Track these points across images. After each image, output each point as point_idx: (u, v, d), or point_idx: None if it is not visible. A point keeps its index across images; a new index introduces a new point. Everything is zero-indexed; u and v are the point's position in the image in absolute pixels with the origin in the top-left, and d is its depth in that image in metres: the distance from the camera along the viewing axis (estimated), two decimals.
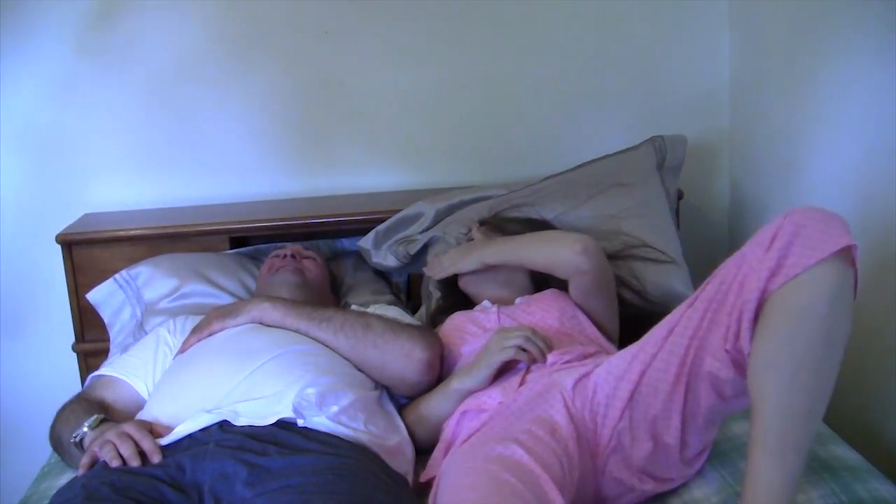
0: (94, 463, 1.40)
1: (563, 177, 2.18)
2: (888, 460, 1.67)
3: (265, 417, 1.42)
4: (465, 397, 1.58)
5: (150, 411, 1.54)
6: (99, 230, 2.21)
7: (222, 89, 2.37)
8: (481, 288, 1.88)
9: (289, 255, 1.96)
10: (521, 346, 1.55)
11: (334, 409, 1.47)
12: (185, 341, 1.70)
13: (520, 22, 2.39)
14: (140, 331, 2.01)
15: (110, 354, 2.03)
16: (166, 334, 1.79)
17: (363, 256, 2.22)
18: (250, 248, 2.27)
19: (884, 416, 1.81)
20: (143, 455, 1.37)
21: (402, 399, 1.71)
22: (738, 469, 1.45)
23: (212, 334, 1.70)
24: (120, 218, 2.31)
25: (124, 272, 2.09)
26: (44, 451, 1.74)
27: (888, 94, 1.70)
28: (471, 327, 1.76)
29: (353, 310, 1.83)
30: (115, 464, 1.35)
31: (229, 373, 1.53)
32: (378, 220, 2.18)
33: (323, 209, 2.26)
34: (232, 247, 2.24)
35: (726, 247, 2.49)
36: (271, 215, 2.25)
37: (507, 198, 2.14)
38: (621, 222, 2.06)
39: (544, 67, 2.42)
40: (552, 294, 1.79)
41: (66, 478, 1.56)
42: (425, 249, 2.13)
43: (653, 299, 1.95)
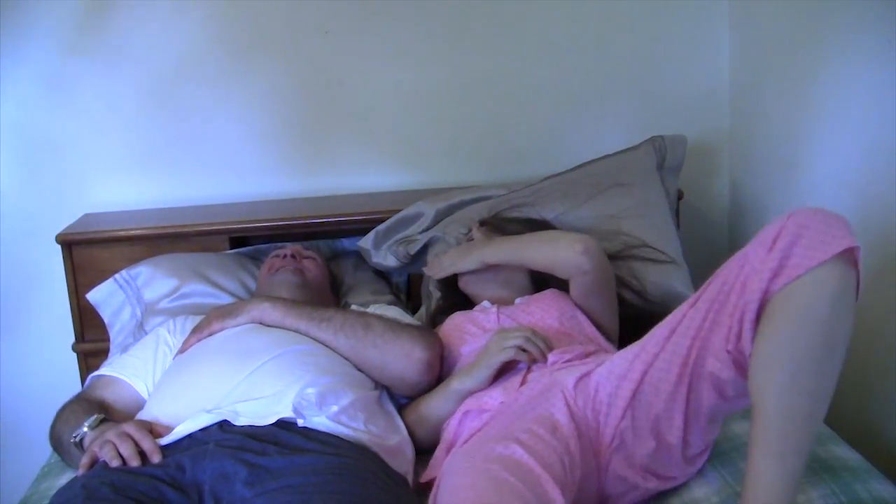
0: (94, 463, 1.40)
1: (563, 177, 2.18)
2: (888, 460, 1.67)
3: (265, 417, 1.42)
4: (466, 397, 1.58)
5: (150, 411, 1.54)
6: (99, 230, 2.21)
7: (222, 89, 2.37)
8: (481, 288, 1.88)
9: (289, 255, 1.96)
10: (521, 347, 1.55)
11: (334, 408, 1.47)
12: (185, 341, 1.70)
13: (520, 22, 2.39)
14: (140, 331, 2.01)
15: (110, 354, 2.03)
16: (166, 334, 1.79)
17: (363, 256, 2.22)
18: (250, 248, 2.27)
19: (884, 416, 1.81)
20: (143, 455, 1.37)
21: (402, 399, 1.71)
22: (738, 469, 1.45)
23: (212, 334, 1.70)
24: (120, 218, 2.31)
25: (124, 272, 2.09)
26: (44, 451, 1.74)
27: (888, 94, 1.69)
28: (470, 327, 1.76)
29: (353, 310, 1.83)
30: (115, 464, 1.35)
31: (229, 373, 1.53)
32: (378, 220, 2.18)
33: (323, 209, 2.26)
34: (232, 247, 2.24)
35: (726, 247, 2.49)
36: (271, 215, 2.25)
37: (507, 198, 2.14)
38: (621, 222, 2.06)
39: (544, 67, 2.42)
40: (551, 294, 1.79)
41: (66, 478, 1.56)
42: (425, 249, 2.12)
43: (653, 299, 1.95)
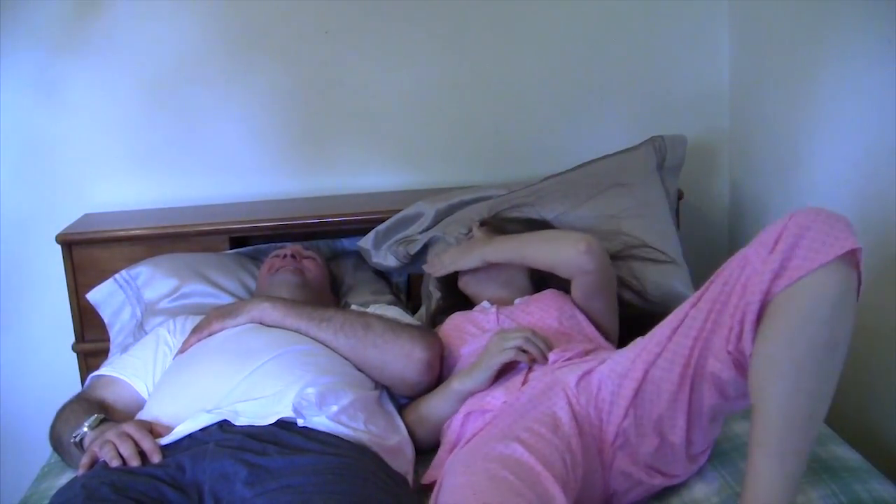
0: (94, 463, 1.40)
1: (563, 177, 2.18)
2: (888, 460, 1.67)
3: (265, 417, 1.42)
4: (466, 398, 1.58)
5: (150, 411, 1.54)
6: (99, 230, 2.21)
7: (222, 89, 2.37)
8: (481, 288, 1.88)
9: (289, 255, 1.96)
10: (521, 348, 1.55)
11: (334, 408, 1.47)
12: (185, 341, 1.70)
13: (520, 22, 2.39)
14: (140, 331, 2.01)
15: (110, 354, 2.03)
16: (166, 334, 1.79)
17: (363, 256, 2.22)
18: (250, 248, 2.27)
19: (884, 416, 1.80)
20: (143, 455, 1.37)
21: (402, 399, 1.71)
22: (738, 469, 1.45)
23: (212, 334, 1.70)
24: (120, 218, 2.31)
25: (124, 272, 2.09)
26: (44, 451, 1.74)
27: (888, 94, 1.69)
28: (470, 328, 1.76)
29: (353, 310, 1.83)
30: (115, 464, 1.35)
31: (229, 373, 1.53)
32: (378, 220, 2.18)
33: (323, 209, 2.26)
34: (232, 247, 2.24)
35: (726, 247, 2.49)
36: (271, 215, 2.25)
37: (507, 198, 2.14)
38: (621, 222, 2.06)
39: (544, 67, 2.42)
40: (551, 294, 1.79)
41: (66, 478, 1.56)
42: (425, 249, 2.12)
43: (653, 299, 1.95)
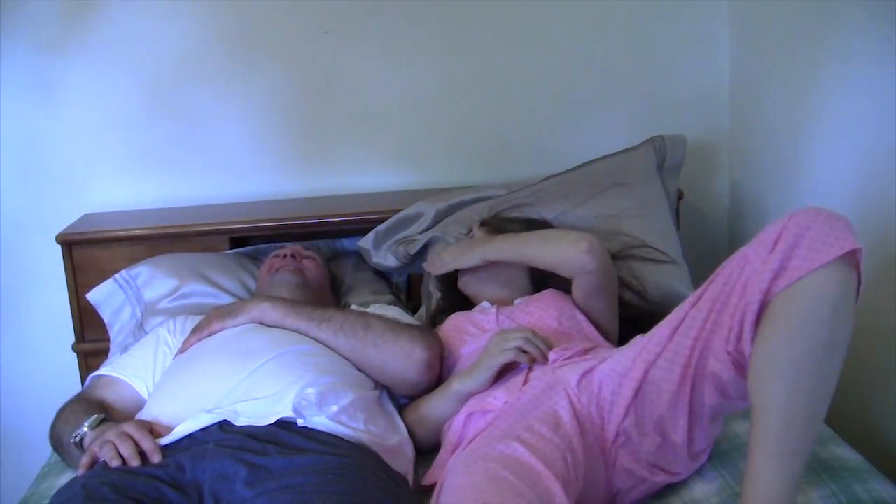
0: (94, 463, 1.40)
1: (563, 177, 2.18)
2: (888, 460, 1.67)
3: (265, 417, 1.42)
4: (466, 399, 1.58)
5: (150, 411, 1.54)
6: (99, 230, 2.21)
7: (222, 89, 2.37)
8: (481, 288, 1.88)
9: (289, 255, 1.96)
10: (520, 348, 1.55)
11: (334, 408, 1.47)
12: (185, 341, 1.70)
13: (520, 22, 2.39)
14: (140, 331, 2.01)
15: (110, 354, 2.03)
16: (166, 334, 1.79)
17: (363, 256, 2.22)
18: (250, 248, 2.27)
19: (884, 416, 1.80)
20: (143, 455, 1.37)
21: (402, 399, 1.71)
22: (738, 469, 1.45)
23: (212, 334, 1.70)
24: (120, 218, 2.31)
25: (124, 272, 2.09)
26: (44, 451, 1.74)
27: (888, 94, 1.69)
28: (470, 328, 1.76)
29: (352, 310, 1.83)
30: (115, 464, 1.35)
31: (229, 373, 1.53)
32: (378, 220, 2.18)
33: (323, 209, 2.26)
34: (232, 247, 2.24)
35: (726, 247, 2.48)
36: (271, 215, 2.25)
37: (507, 198, 2.14)
38: (621, 222, 2.06)
39: (544, 67, 2.42)
40: (550, 294, 1.79)
41: (66, 478, 1.56)
42: (425, 249, 2.12)
43: (653, 300, 1.95)
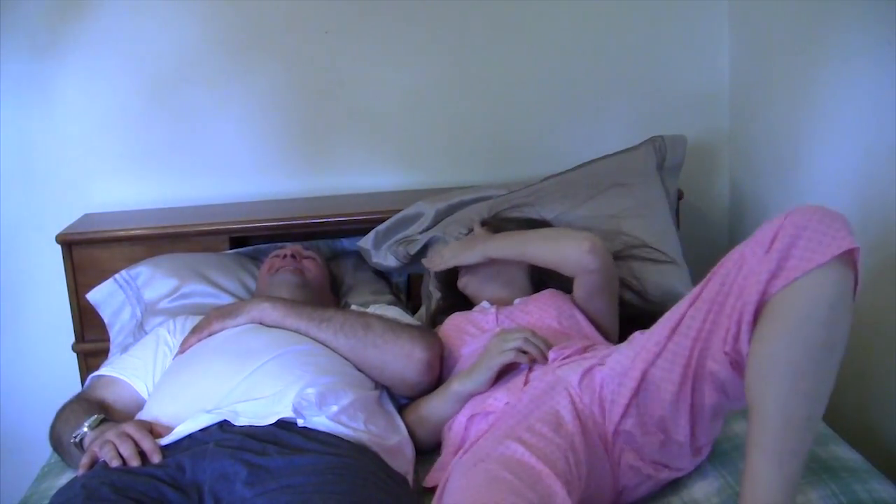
0: (94, 463, 1.40)
1: (562, 177, 2.18)
2: (888, 460, 1.67)
3: (265, 417, 1.42)
4: (466, 399, 1.58)
5: (150, 411, 1.54)
6: (99, 230, 2.21)
7: (222, 89, 2.37)
8: (481, 288, 1.88)
9: (289, 255, 1.96)
10: (520, 349, 1.55)
11: (334, 408, 1.47)
12: (185, 341, 1.70)
13: (520, 22, 2.39)
14: (140, 331, 2.01)
15: (110, 354, 2.03)
16: (166, 334, 1.79)
17: (363, 256, 2.22)
18: (250, 248, 2.27)
19: (884, 416, 1.80)
20: (143, 455, 1.37)
21: (403, 399, 1.71)
22: (738, 469, 1.44)
23: (211, 334, 1.70)
24: (120, 218, 2.31)
25: (124, 272, 2.09)
26: (44, 451, 1.74)
27: (888, 95, 1.69)
28: (469, 328, 1.76)
29: (352, 310, 1.83)
30: (115, 464, 1.35)
31: (229, 373, 1.53)
32: (378, 220, 2.18)
33: (323, 209, 2.26)
34: (232, 247, 2.24)
35: (726, 247, 2.45)
36: (271, 215, 2.25)
37: (507, 198, 2.14)
38: (621, 222, 2.06)
39: (544, 67, 2.42)
40: (550, 294, 1.79)
41: (66, 478, 1.56)
42: (425, 249, 2.12)
43: (653, 300, 1.95)
